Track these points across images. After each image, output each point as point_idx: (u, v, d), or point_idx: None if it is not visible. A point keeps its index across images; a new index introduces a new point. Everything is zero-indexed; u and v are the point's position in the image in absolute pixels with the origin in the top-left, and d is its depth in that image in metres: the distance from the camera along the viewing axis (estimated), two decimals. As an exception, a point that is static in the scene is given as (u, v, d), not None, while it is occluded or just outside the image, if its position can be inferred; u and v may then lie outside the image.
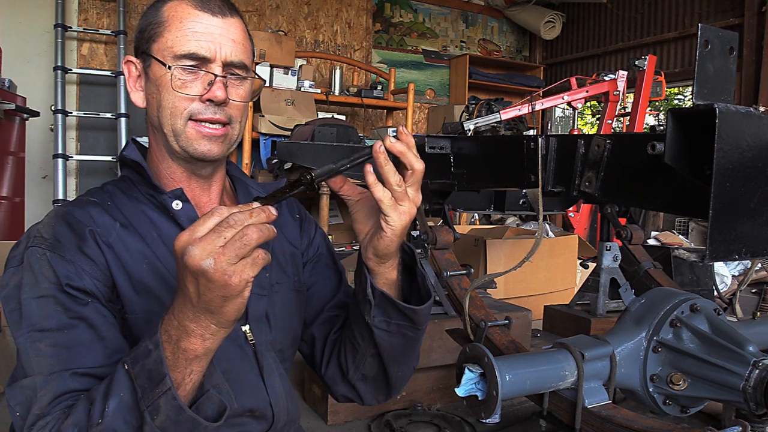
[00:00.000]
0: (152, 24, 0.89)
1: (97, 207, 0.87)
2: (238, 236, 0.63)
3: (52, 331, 0.76)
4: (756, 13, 5.33)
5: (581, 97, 4.62)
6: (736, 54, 0.98)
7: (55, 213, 0.86)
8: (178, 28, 0.86)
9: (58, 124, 4.42)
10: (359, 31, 6.39)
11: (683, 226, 5.89)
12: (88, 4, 4.98)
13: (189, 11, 0.87)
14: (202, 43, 0.86)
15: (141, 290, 0.85)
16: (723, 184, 0.88)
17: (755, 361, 1.17)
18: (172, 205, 0.89)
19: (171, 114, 0.87)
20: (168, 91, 0.87)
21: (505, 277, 3.33)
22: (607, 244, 2.43)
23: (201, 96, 0.87)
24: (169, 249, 0.87)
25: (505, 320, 1.57)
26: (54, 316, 0.77)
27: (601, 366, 1.31)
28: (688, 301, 1.33)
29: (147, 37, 0.89)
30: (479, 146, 1.75)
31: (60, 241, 0.81)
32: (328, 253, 1.13)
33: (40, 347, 0.76)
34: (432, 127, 6.75)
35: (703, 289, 3.60)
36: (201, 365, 0.69)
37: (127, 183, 0.93)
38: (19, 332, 0.77)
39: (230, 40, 0.88)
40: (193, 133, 0.88)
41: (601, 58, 6.94)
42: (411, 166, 0.78)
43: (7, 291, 0.81)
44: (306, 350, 1.09)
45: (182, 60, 0.86)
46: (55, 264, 0.79)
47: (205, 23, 0.87)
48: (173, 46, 0.86)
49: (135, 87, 0.94)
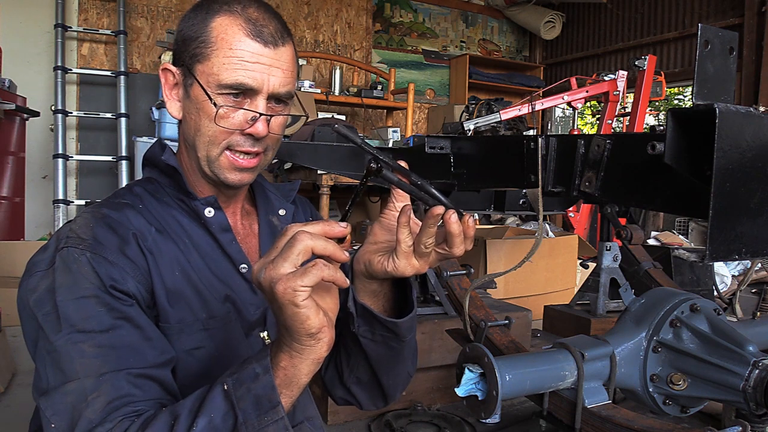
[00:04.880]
0: (199, 41, 0.83)
1: (132, 210, 0.84)
2: (302, 260, 0.61)
3: (97, 333, 0.71)
4: (756, 13, 5.33)
5: (581, 97, 4.62)
6: (736, 54, 0.98)
7: (91, 215, 0.82)
8: (227, 55, 0.82)
9: (58, 124, 4.42)
10: (359, 31, 6.39)
11: (683, 226, 5.89)
12: (88, 4, 4.98)
13: (240, 37, 0.82)
14: (249, 74, 0.82)
15: (174, 299, 0.82)
16: (723, 184, 0.88)
17: (755, 361, 1.17)
18: (204, 212, 0.88)
19: (209, 142, 0.85)
20: (209, 120, 0.83)
21: (505, 277, 3.33)
22: (607, 244, 2.43)
23: (243, 129, 0.84)
24: (201, 256, 0.87)
25: (505, 320, 1.57)
26: (97, 316, 0.72)
27: (601, 366, 1.31)
28: (688, 301, 1.33)
29: (192, 53, 0.84)
30: (479, 146, 1.75)
31: (101, 242, 0.77)
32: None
33: (85, 348, 0.70)
34: (432, 127, 6.75)
35: (703, 289, 3.60)
36: (300, 392, 0.66)
37: (154, 185, 0.90)
38: (58, 335, 0.71)
39: (279, 71, 0.84)
40: (227, 163, 0.86)
41: (601, 58, 6.94)
42: (451, 248, 0.75)
43: (38, 295, 0.75)
44: None
45: (227, 90, 0.82)
46: (97, 265, 0.75)
47: (256, 53, 0.82)
48: (219, 74, 0.82)
49: (171, 96, 0.89)
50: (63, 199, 4.32)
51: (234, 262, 0.90)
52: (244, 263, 0.91)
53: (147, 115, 4.79)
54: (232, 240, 0.90)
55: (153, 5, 5.22)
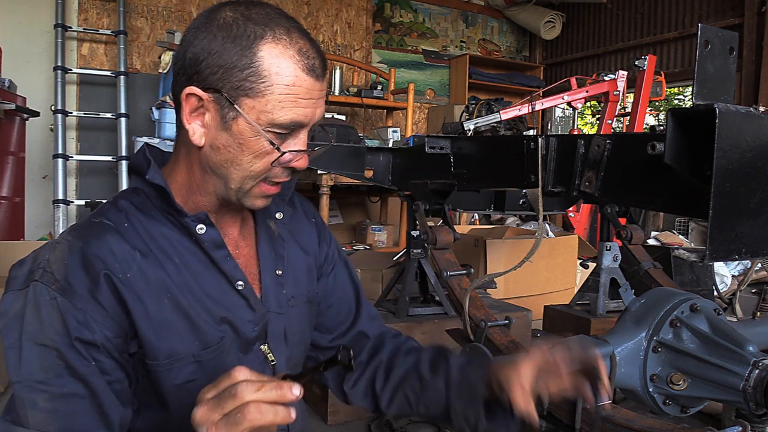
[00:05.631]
0: (247, 72, 0.76)
1: (115, 235, 0.80)
2: (236, 411, 0.61)
3: (51, 390, 0.72)
4: (756, 13, 5.33)
5: (581, 97, 4.62)
6: (736, 54, 0.98)
7: (69, 247, 0.77)
8: (284, 92, 0.76)
9: (58, 124, 4.42)
10: (359, 31, 6.39)
11: (683, 226, 5.89)
12: (88, 4, 4.98)
13: (297, 74, 0.77)
14: (302, 111, 0.78)
15: (163, 331, 0.80)
16: (723, 184, 0.88)
17: (755, 361, 1.17)
18: (195, 229, 0.83)
19: (248, 177, 0.81)
20: (253, 156, 0.79)
21: (505, 277, 3.33)
22: (607, 244, 2.43)
23: (288, 164, 0.82)
24: (193, 276, 0.83)
25: (505, 320, 1.57)
26: (55, 370, 0.73)
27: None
28: (688, 301, 1.33)
29: (236, 85, 0.76)
30: (479, 146, 1.75)
31: (72, 285, 0.74)
32: (344, 265, 1.10)
33: (38, 401, 0.72)
34: (432, 127, 6.75)
35: (703, 289, 3.60)
36: None
37: (141, 198, 0.85)
38: (18, 376, 0.73)
39: (322, 100, 0.82)
40: (259, 192, 0.84)
41: (601, 58, 6.94)
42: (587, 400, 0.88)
43: (6, 320, 0.75)
44: (314, 355, 1.08)
45: (280, 129, 0.78)
46: (65, 311, 0.73)
47: (311, 89, 0.78)
48: (273, 112, 0.77)
49: (192, 120, 0.81)
50: (63, 199, 4.32)
51: (230, 279, 0.86)
52: (240, 280, 0.87)
53: (147, 115, 4.79)
54: (227, 256, 0.86)
55: (153, 5, 5.22)
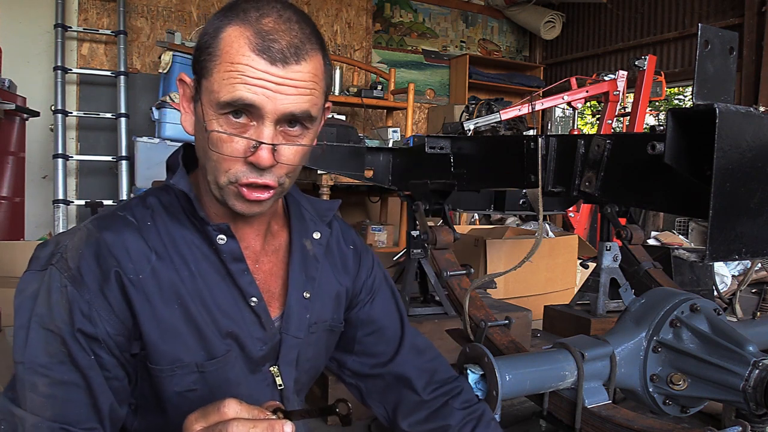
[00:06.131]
0: (207, 51, 0.75)
1: (135, 233, 0.79)
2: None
3: (52, 375, 0.73)
4: (756, 13, 5.33)
5: (581, 97, 4.62)
6: (736, 54, 0.98)
7: (87, 236, 0.77)
8: (226, 69, 0.72)
9: (58, 124, 4.42)
10: (359, 31, 6.39)
11: (683, 226, 5.89)
12: (88, 4, 4.98)
13: (245, 53, 0.71)
14: (248, 93, 0.72)
15: (169, 335, 0.79)
16: (723, 184, 0.88)
17: (755, 361, 1.17)
18: (216, 239, 0.81)
19: (215, 168, 0.77)
20: (210, 142, 0.75)
21: (505, 277, 3.33)
22: (607, 244, 2.43)
23: (246, 157, 0.75)
24: (207, 285, 0.82)
25: (505, 320, 1.57)
26: (58, 356, 0.73)
27: (601, 366, 1.31)
28: (688, 301, 1.33)
29: (200, 65, 0.76)
30: (479, 146, 1.75)
31: (83, 276, 0.74)
32: (389, 294, 1.06)
33: (37, 384, 0.73)
34: (432, 127, 6.75)
35: (703, 289, 3.60)
36: None
37: (171, 197, 0.84)
38: (22, 356, 0.74)
39: (292, 89, 0.73)
40: (233, 191, 0.77)
41: (601, 58, 6.94)
42: None
43: (21, 299, 0.76)
44: (335, 370, 1.07)
45: (226, 109, 0.73)
46: (73, 300, 0.74)
47: (261, 70, 0.72)
48: (218, 91, 0.73)
49: (187, 109, 0.81)
50: (63, 199, 4.32)
51: (244, 294, 0.84)
52: (254, 296, 0.85)
53: (147, 115, 4.79)
54: (245, 270, 0.84)
55: (153, 5, 5.22)
